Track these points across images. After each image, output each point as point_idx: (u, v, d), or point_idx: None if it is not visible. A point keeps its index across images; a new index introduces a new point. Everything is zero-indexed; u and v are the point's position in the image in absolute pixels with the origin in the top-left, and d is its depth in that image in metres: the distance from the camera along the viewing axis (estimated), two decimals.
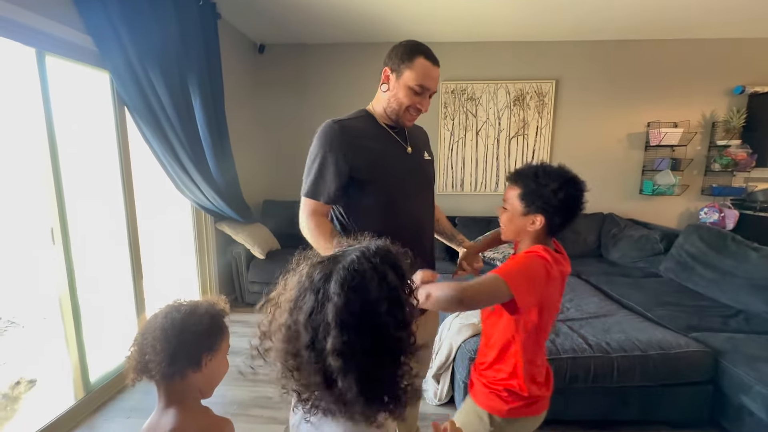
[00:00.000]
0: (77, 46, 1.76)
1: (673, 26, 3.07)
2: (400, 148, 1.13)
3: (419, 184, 1.17)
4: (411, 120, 1.11)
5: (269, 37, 3.41)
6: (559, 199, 0.86)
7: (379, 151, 1.08)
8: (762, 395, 1.46)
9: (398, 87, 1.05)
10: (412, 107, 1.07)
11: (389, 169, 1.09)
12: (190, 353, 0.72)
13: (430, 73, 1.05)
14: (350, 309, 0.48)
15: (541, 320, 0.91)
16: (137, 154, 2.15)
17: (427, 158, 1.23)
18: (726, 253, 2.36)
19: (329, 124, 1.05)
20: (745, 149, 3.30)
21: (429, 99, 1.09)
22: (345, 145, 1.03)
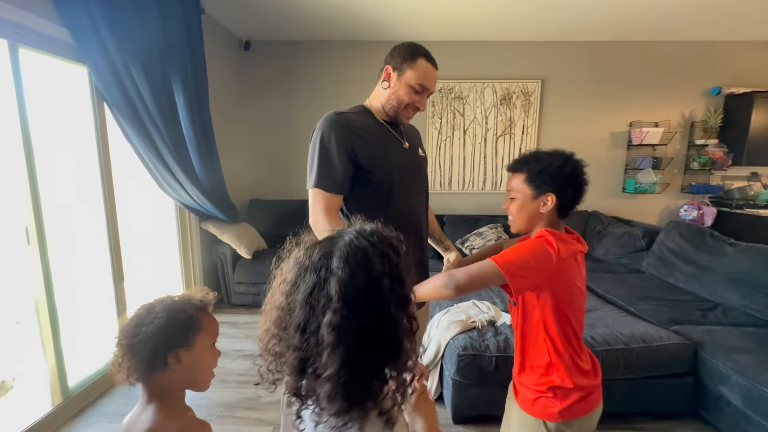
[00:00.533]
0: (53, 38, 1.70)
1: (655, 28, 3.15)
2: (397, 142, 1.17)
3: (416, 178, 1.21)
4: (408, 118, 1.15)
5: (255, 34, 3.36)
6: (566, 173, 0.88)
7: (378, 144, 1.11)
8: (739, 385, 1.51)
9: (399, 85, 1.10)
10: (411, 105, 1.11)
11: (388, 161, 1.11)
12: (150, 355, 0.70)
13: (430, 74, 1.10)
14: (355, 283, 0.49)
15: (561, 303, 0.86)
16: (117, 152, 2.09)
17: (422, 154, 1.27)
18: (704, 248, 2.43)
19: (332, 115, 1.08)
20: (722, 148, 3.42)
21: (426, 99, 1.14)
22: (349, 135, 1.06)
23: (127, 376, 0.72)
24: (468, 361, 1.62)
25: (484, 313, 1.90)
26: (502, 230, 3.29)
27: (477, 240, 3.21)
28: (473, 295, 2.18)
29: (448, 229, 3.38)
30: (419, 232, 1.20)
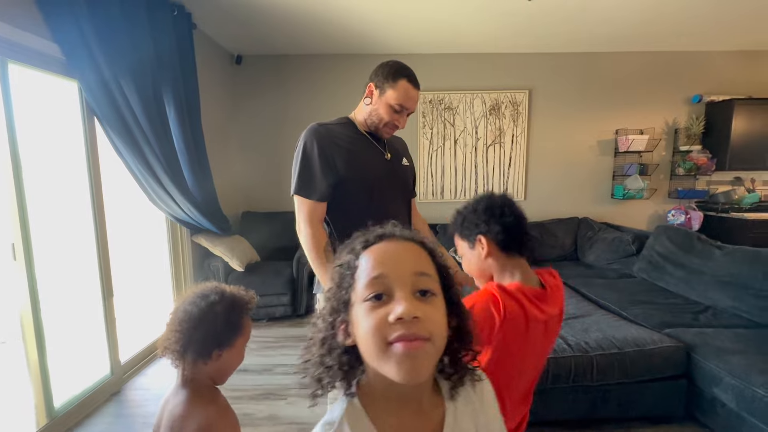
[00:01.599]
0: (43, 54, 1.70)
1: (638, 39, 3.25)
2: (378, 153, 1.21)
3: (396, 188, 1.24)
4: (388, 134, 1.20)
5: (246, 48, 3.40)
6: (481, 210, 0.86)
7: (356, 153, 1.16)
8: (732, 386, 1.52)
9: (380, 103, 1.14)
10: (390, 123, 1.16)
11: (366, 171, 1.15)
12: (200, 348, 0.78)
13: (410, 94, 1.13)
14: None
15: (496, 366, 0.74)
16: (107, 166, 2.08)
17: (406, 164, 1.30)
18: (693, 252, 2.47)
19: (314, 126, 1.15)
20: (706, 154, 3.50)
21: (407, 117, 1.17)
22: (329, 145, 1.12)
23: (173, 358, 0.79)
24: None
25: None
26: None
27: None
28: None
29: (441, 238, 3.38)
30: None
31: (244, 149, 3.61)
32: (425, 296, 0.45)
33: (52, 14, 1.66)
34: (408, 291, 0.44)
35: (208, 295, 0.81)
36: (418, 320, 0.42)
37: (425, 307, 0.44)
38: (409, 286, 0.44)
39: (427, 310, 0.43)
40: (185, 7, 2.50)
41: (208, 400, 0.80)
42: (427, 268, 0.47)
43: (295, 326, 2.85)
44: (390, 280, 0.44)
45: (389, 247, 0.47)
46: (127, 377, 2.18)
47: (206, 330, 0.78)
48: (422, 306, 0.44)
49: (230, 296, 0.83)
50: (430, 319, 0.43)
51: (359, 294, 0.45)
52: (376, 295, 0.44)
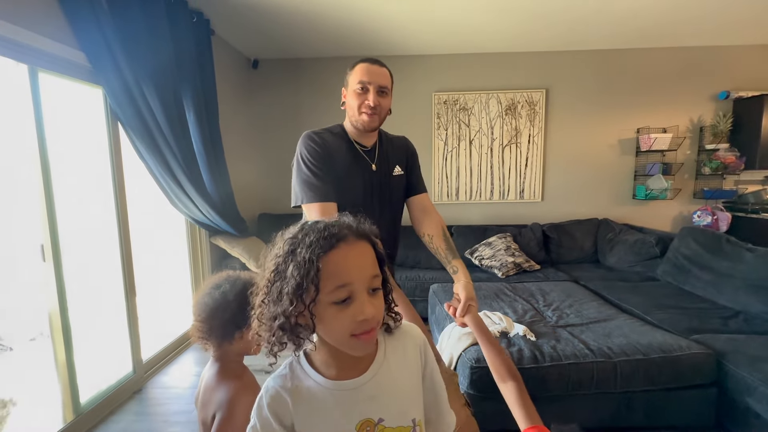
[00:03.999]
0: (70, 62, 1.76)
1: (658, 35, 3.15)
2: (366, 165, 1.20)
3: (382, 199, 1.23)
4: (370, 122, 1.14)
5: (263, 53, 3.45)
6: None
7: (344, 167, 1.16)
8: (767, 396, 1.44)
9: (348, 96, 1.16)
10: (362, 106, 1.13)
11: (349, 183, 1.16)
12: (222, 332, 0.87)
13: (369, 70, 1.12)
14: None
15: None
16: (130, 169, 2.14)
17: (398, 173, 1.27)
18: (721, 255, 2.37)
19: (308, 134, 1.17)
20: (734, 152, 3.36)
21: (379, 95, 1.13)
22: (323, 150, 1.15)
23: (203, 343, 0.90)
24: (481, 374, 1.58)
25: (496, 324, 1.87)
26: (510, 239, 3.25)
27: (486, 250, 3.18)
28: (484, 306, 2.15)
29: (457, 239, 3.35)
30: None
31: (260, 152, 3.66)
32: (375, 292, 0.55)
33: (78, 23, 1.72)
34: (366, 293, 0.54)
35: (220, 284, 0.90)
36: (375, 317, 0.53)
37: (376, 302, 0.55)
38: (367, 287, 0.54)
39: (377, 304, 0.55)
40: (204, 14, 2.56)
41: (235, 376, 0.89)
42: (376, 268, 0.57)
43: None
44: (354, 286, 0.53)
45: (350, 254, 0.54)
46: (149, 376, 2.23)
47: (222, 316, 0.86)
48: (375, 302, 0.55)
49: (241, 282, 0.90)
50: (379, 311, 0.56)
51: (327, 295, 0.52)
52: (344, 299, 0.52)
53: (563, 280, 2.77)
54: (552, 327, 1.88)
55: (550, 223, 3.50)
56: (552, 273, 3.01)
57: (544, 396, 1.61)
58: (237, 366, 0.92)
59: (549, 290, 2.42)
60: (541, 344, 1.69)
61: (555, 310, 2.10)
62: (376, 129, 1.19)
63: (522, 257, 3.11)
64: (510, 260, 3.04)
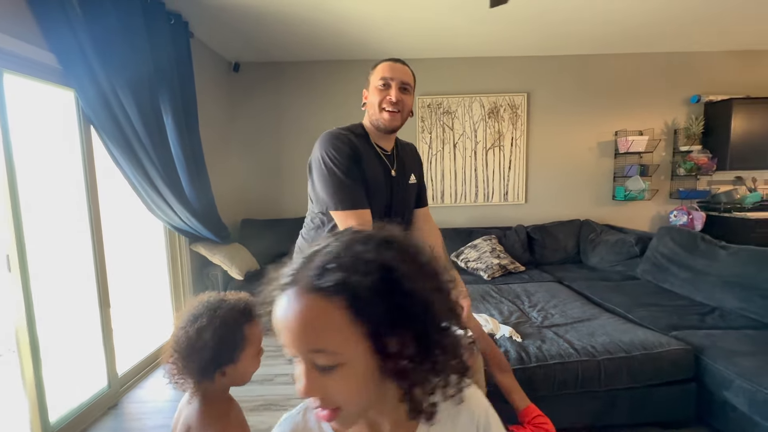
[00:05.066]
0: (39, 63, 1.69)
1: (634, 41, 3.26)
2: (386, 168, 1.17)
3: (396, 208, 1.22)
4: (391, 120, 1.13)
5: (244, 56, 3.41)
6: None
7: (372, 168, 1.13)
8: (743, 389, 1.48)
9: (370, 94, 1.15)
10: (383, 102, 1.11)
11: (377, 188, 1.14)
12: (200, 373, 0.77)
13: (390, 67, 1.12)
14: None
15: None
16: (104, 175, 2.06)
17: (412, 181, 1.27)
18: (697, 253, 2.45)
19: (335, 131, 1.10)
20: (706, 154, 3.49)
21: (400, 92, 1.11)
22: (353, 151, 1.09)
23: (177, 384, 0.79)
24: None
25: (483, 326, 1.86)
26: (496, 241, 3.28)
27: (472, 252, 3.19)
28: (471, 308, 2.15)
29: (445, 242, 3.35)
30: None
31: (242, 156, 3.60)
32: (325, 371, 0.42)
33: (48, 23, 1.66)
34: (306, 366, 0.42)
35: (198, 317, 0.78)
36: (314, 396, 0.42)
37: (325, 381, 0.42)
38: (307, 361, 0.42)
39: (327, 385, 0.42)
40: (182, 16, 2.51)
41: (221, 413, 0.80)
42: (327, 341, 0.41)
43: None
44: (291, 352, 0.43)
45: (288, 315, 0.42)
46: (125, 390, 2.14)
47: (200, 357, 0.76)
48: (322, 381, 0.42)
49: (222, 313, 0.79)
50: (332, 393, 0.42)
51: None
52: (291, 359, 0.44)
53: (548, 281, 2.81)
54: (537, 327, 1.90)
55: (534, 224, 3.55)
56: (537, 274, 3.05)
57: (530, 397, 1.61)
58: (222, 402, 0.82)
59: (534, 291, 2.44)
60: (527, 345, 1.70)
61: (540, 310, 2.12)
62: (396, 130, 1.16)
63: (507, 259, 3.14)
64: (495, 262, 3.06)
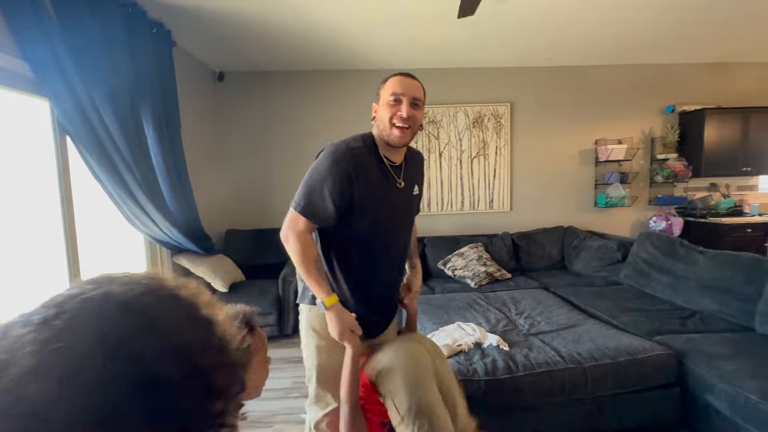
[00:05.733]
0: (10, 71, 1.63)
1: (612, 54, 3.38)
2: (393, 182, 1.17)
3: (401, 220, 1.23)
4: (401, 137, 1.11)
5: (229, 65, 3.38)
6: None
7: (375, 186, 1.12)
8: (725, 392, 1.51)
9: (380, 108, 1.13)
10: (394, 118, 1.10)
11: (378, 204, 1.13)
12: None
13: (402, 82, 1.11)
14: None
15: None
16: (80, 185, 1.99)
17: (416, 193, 1.28)
18: (676, 257, 2.51)
19: (344, 151, 1.08)
20: (682, 162, 3.62)
21: (411, 107, 1.11)
22: (350, 178, 1.07)
23: None
24: None
25: (470, 335, 1.86)
26: (482, 249, 3.30)
27: (459, 260, 3.20)
28: (458, 317, 2.15)
29: (430, 250, 3.37)
30: (393, 272, 1.25)
31: (227, 166, 3.55)
32: None
33: (21, 31, 1.60)
34: None
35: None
36: None
37: None
38: None
39: None
40: (164, 25, 2.47)
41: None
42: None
43: (282, 347, 2.75)
44: None
45: None
46: None
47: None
48: None
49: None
50: None
51: None
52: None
53: (533, 288, 2.83)
54: (524, 335, 1.90)
55: (519, 231, 3.59)
56: (523, 281, 3.07)
57: (518, 406, 1.61)
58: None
59: (520, 298, 2.46)
60: (515, 354, 1.70)
61: (527, 318, 2.13)
62: (406, 144, 1.17)
63: (494, 266, 3.16)
64: (482, 270, 3.07)
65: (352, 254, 1.15)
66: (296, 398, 2.12)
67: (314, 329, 1.20)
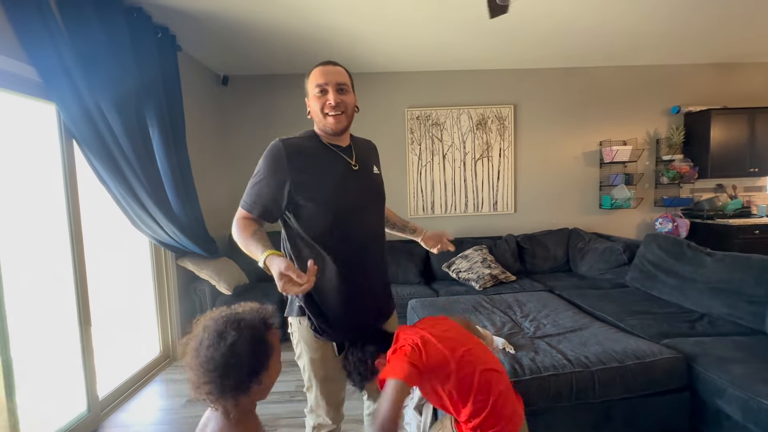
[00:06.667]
0: (17, 76, 1.65)
1: (617, 54, 3.36)
2: (345, 164, 1.16)
3: (367, 199, 1.20)
4: (336, 123, 1.11)
5: (233, 69, 3.40)
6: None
7: (323, 170, 1.12)
8: (736, 397, 1.48)
9: (310, 102, 1.14)
10: (324, 108, 1.10)
11: (333, 185, 1.11)
12: (237, 389, 0.76)
13: (322, 72, 1.11)
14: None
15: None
16: (86, 188, 2.00)
17: (376, 172, 1.26)
18: (684, 259, 2.48)
19: (276, 143, 1.11)
20: (687, 163, 3.59)
21: (338, 93, 1.11)
22: (289, 166, 1.08)
23: (212, 404, 0.76)
24: None
25: None
26: (486, 251, 3.28)
27: (463, 263, 3.19)
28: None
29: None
30: (370, 252, 1.19)
31: (232, 169, 3.56)
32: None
33: (28, 36, 1.63)
34: None
35: (225, 333, 0.76)
36: None
37: None
38: None
39: None
40: (170, 30, 2.49)
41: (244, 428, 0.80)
42: None
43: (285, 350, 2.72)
44: None
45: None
46: (106, 414, 2.05)
47: (237, 373, 0.75)
48: None
49: (248, 328, 0.78)
50: None
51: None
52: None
53: (539, 290, 2.81)
54: (530, 338, 1.88)
55: (524, 234, 3.57)
56: (528, 283, 3.05)
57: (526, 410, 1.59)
58: (245, 416, 0.80)
59: (525, 301, 2.43)
60: (521, 357, 1.68)
61: (532, 321, 2.11)
62: (345, 129, 1.15)
63: (498, 269, 3.14)
64: (487, 272, 3.05)
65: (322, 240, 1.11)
66: (300, 402, 2.11)
67: (305, 342, 1.18)
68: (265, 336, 0.81)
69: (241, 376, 0.75)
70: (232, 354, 0.74)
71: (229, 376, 0.74)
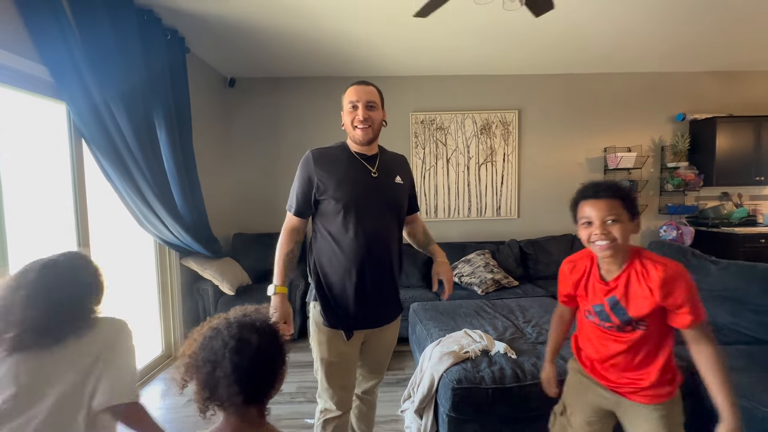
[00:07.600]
0: (30, 76, 1.68)
1: (622, 61, 3.37)
2: (365, 171, 1.29)
3: (380, 204, 1.29)
4: (363, 134, 1.26)
5: (240, 71, 3.44)
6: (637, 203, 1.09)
7: (341, 172, 1.26)
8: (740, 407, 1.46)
9: (344, 116, 1.29)
10: (354, 122, 1.25)
11: (349, 187, 1.25)
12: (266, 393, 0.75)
13: (355, 91, 1.26)
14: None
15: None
16: (93, 188, 2.03)
17: (399, 182, 1.35)
18: (688, 267, 2.43)
19: (307, 152, 1.29)
20: (693, 170, 3.57)
21: (367, 110, 1.25)
22: (315, 169, 1.26)
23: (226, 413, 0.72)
24: (463, 395, 1.54)
25: (477, 342, 1.84)
26: (489, 256, 3.28)
27: (466, 267, 3.18)
28: (465, 324, 2.13)
29: None
30: (378, 253, 1.28)
31: (236, 171, 3.59)
32: None
33: (41, 37, 1.66)
34: None
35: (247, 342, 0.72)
36: None
37: None
38: None
39: None
40: (179, 32, 2.53)
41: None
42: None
43: None
44: None
45: None
46: None
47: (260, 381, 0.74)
48: None
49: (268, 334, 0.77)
50: None
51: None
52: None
53: (541, 296, 2.80)
54: (532, 344, 1.88)
55: (527, 239, 3.56)
56: (530, 289, 3.04)
57: (527, 416, 1.59)
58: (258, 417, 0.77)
59: (528, 306, 2.43)
60: (523, 362, 1.68)
61: (534, 326, 2.11)
62: (372, 141, 1.29)
63: (501, 273, 3.13)
64: (489, 277, 3.05)
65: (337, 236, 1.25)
66: (301, 403, 2.11)
67: (316, 325, 1.30)
68: (281, 343, 0.80)
69: (264, 384, 0.74)
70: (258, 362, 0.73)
71: (254, 384, 0.72)
